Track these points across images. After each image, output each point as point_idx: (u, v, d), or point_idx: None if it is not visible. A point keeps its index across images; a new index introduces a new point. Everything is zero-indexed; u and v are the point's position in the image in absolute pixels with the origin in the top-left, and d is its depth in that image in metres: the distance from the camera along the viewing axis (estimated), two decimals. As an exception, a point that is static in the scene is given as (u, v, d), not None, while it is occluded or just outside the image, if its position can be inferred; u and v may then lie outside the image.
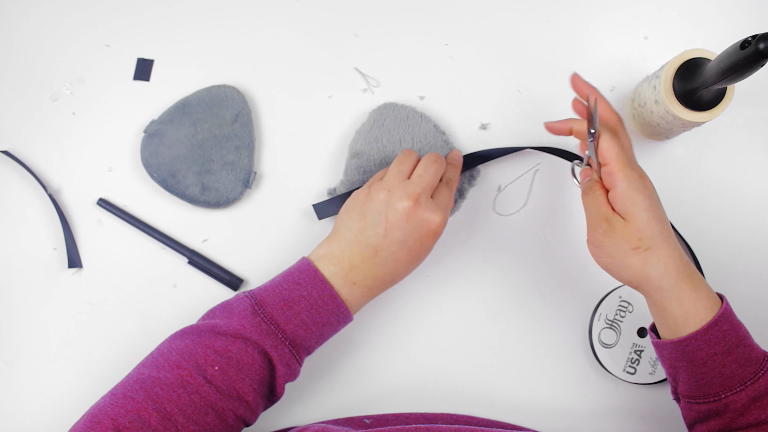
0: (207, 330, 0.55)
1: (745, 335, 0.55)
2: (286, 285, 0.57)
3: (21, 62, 0.72)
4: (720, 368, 0.54)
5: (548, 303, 0.69)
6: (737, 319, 0.55)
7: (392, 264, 0.58)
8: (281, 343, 0.55)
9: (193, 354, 0.54)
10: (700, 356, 0.54)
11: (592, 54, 0.72)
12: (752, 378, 0.53)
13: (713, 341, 0.53)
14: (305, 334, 0.56)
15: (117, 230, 0.70)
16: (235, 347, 0.54)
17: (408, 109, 0.69)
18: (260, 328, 0.55)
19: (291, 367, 0.57)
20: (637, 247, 0.54)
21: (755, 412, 0.53)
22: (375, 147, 0.68)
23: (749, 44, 0.50)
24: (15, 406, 0.68)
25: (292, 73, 0.72)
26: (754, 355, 0.54)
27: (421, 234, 0.58)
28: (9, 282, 0.70)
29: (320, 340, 0.59)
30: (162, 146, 0.69)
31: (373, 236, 0.58)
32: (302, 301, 0.56)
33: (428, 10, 0.73)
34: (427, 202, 0.58)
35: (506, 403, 0.68)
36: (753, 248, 0.69)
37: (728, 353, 0.53)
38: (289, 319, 0.56)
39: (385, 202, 0.58)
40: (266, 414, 0.67)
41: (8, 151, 0.71)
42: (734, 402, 0.53)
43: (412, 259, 0.59)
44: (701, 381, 0.54)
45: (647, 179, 0.56)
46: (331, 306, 0.57)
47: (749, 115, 0.70)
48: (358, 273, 0.58)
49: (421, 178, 0.59)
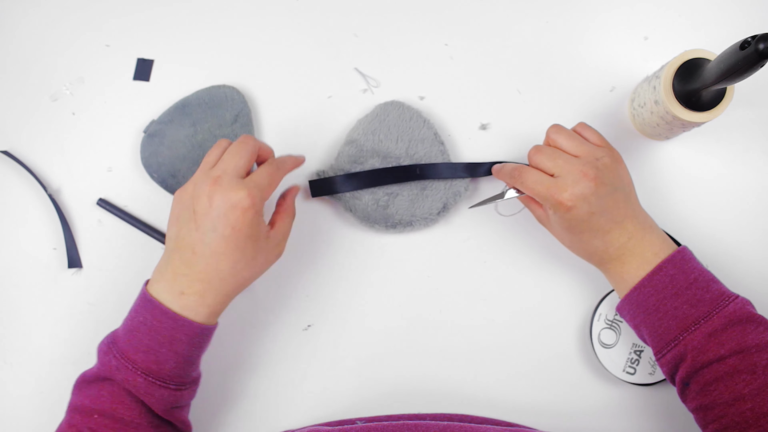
0: (81, 382, 0.58)
1: (698, 279, 0.56)
2: (130, 315, 0.57)
3: (21, 62, 0.72)
4: (673, 311, 0.55)
5: (548, 303, 0.69)
6: (692, 265, 0.56)
7: (213, 258, 0.54)
8: (133, 375, 0.55)
9: (77, 408, 0.56)
10: (652, 302, 0.56)
11: (592, 54, 0.72)
12: (705, 317, 0.54)
13: (660, 286, 0.55)
14: (156, 358, 0.55)
15: (117, 230, 0.70)
16: (104, 391, 0.56)
17: (413, 111, 0.69)
18: (111, 364, 0.55)
19: (156, 395, 0.55)
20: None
21: (713, 347, 0.53)
22: (371, 139, 0.68)
23: (749, 44, 0.50)
24: (15, 406, 0.68)
25: (292, 73, 0.72)
26: (708, 296, 0.55)
27: (228, 216, 0.54)
28: (9, 282, 0.70)
29: (182, 359, 0.56)
30: (162, 146, 0.69)
31: (187, 235, 0.55)
32: (142, 327, 0.55)
33: (428, 10, 0.73)
34: (229, 181, 0.54)
35: (506, 404, 0.68)
36: (753, 248, 0.69)
37: (677, 296, 0.55)
38: (136, 348, 0.55)
39: (190, 195, 0.56)
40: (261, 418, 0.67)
41: (8, 151, 0.71)
42: (691, 341, 0.54)
43: (235, 247, 0.55)
44: (660, 329, 0.56)
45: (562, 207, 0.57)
46: (167, 323, 0.55)
47: (749, 115, 0.70)
48: (183, 280, 0.55)
49: (223, 161, 0.56)
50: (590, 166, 0.56)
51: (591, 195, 0.55)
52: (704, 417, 0.55)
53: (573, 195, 0.55)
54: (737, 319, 0.54)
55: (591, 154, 0.57)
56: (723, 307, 0.54)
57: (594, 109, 0.71)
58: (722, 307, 0.54)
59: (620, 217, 0.57)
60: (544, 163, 0.58)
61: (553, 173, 0.57)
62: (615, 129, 0.71)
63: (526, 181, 0.58)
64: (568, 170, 0.56)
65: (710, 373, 0.53)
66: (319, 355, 0.69)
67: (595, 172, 0.56)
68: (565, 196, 0.55)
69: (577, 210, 0.56)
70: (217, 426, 0.67)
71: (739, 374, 0.52)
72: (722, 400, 0.53)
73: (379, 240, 0.70)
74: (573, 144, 0.58)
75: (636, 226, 0.58)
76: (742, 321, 0.54)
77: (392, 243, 0.70)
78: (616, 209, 0.57)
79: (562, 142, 0.59)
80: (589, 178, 0.55)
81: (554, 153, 0.58)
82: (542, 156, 0.58)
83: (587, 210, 0.56)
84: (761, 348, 0.53)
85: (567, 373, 0.68)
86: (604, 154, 0.58)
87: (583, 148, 0.58)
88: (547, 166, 0.57)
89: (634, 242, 0.57)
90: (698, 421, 0.56)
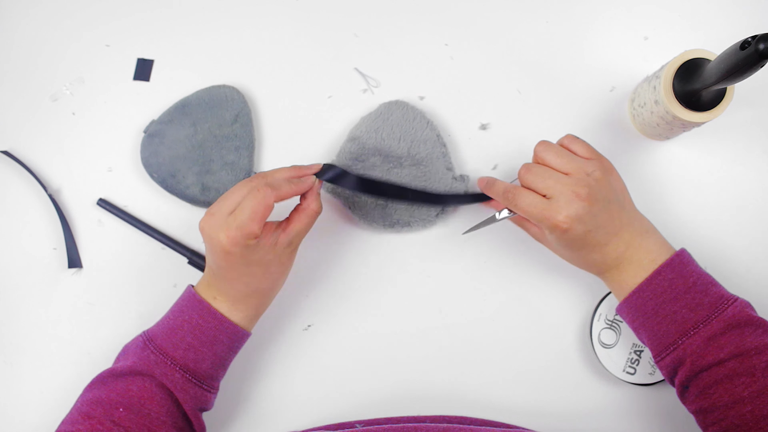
0: (107, 376, 0.58)
1: (697, 283, 0.55)
2: (172, 315, 0.60)
3: (21, 62, 0.72)
4: (671, 315, 0.55)
5: (548, 303, 0.69)
6: (690, 268, 0.56)
7: (227, 281, 0.58)
8: (172, 370, 0.57)
9: (100, 401, 0.56)
10: (651, 306, 0.56)
11: (592, 54, 0.72)
12: (704, 321, 0.54)
13: (659, 290, 0.55)
14: (196, 356, 0.58)
15: (117, 230, 0.70)
16: (134, 386, 0.56)
17: (417, 112, 0.69)
18: (149, 359, 0.57)
19: (190, 392, 0.58)
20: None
21: (713, 351, 0.53)
22: (373, 137, 0.68)
23: (749, 45, 0.50)
24: (15, 406, 0.68)
25: (292, 73, 0.72)
26: (707, 300, 0.55)
27: (218, 252, 0.56)
28: (9, 282, 0.70)
29: (219, 360, 0.59)
30: (162, 146, 0.69)
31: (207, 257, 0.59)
32: (185, 325, 0.58)
33: (428, 11, 0.73)
34: (217, 220, 0.55)
35: (506, 404, 0.68)
36: (753, 248, 0.69)
37: (676, 300, 0.55)
38: (176, 345, 0.57)
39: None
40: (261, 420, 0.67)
41: (8, 151, 0.71)
42: (690, 345, 0.54)
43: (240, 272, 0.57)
44: (659, 333, 0.56)
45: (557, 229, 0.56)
46: (212, 323, 0.58)
47: (749, 115, 0.70)
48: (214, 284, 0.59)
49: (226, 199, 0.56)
50: (581, 184, 0.55)
51: (585, 215, 0.55)
52: (704, 419, 0.55)
53: (568, 217, 0.55)
54: (736, 323, 0.54)
55: (581, 169, 0.56)
56: (722, 311, 0.54)
57: (594, 109, 0.71)
58: (721, 311, 0.54)
59: (616, 228, 0.57)
60: (536, 184, 0.57)
61: (546, 194, 0.56)
62: (615, 129, 0.71)
63: (519, 203, 0.57)
64: (560, 191, 0.55)
65: (709, 377, 0.53)
66: (319, 355, 0.69)
67: (587, 190, 0.55)
68: (560, 218, 0.55)
69: (573, 231, 0.55)
70: (217, 427, 0.67)
71: (738, 377, 0.52)
72: (722, 402, 0.53)
73: (380, 240, 0.70)
74: (562, 161, 0.57)
75: (633, 234, 0.58)
76: (741, 324, 0.54)
77: (392, 243, 0.70)
78: (611, 222, 0.57)
79: (551, 159, 0.57)
80: (581, 198, 0.55)
81: (545, 173, 0.57)
82: (533, 176, 0.57)
83: (583, 229, 0.56)
84: (760, 350, 0.53)
85: (567, 373, 0.68)
86: (594, 168, 0.57)
87: (572, 164, 0.57)
88: (539, 186, 0.56)
89: (632, 250, 0.58)
90: (699, 422, 0.56)
